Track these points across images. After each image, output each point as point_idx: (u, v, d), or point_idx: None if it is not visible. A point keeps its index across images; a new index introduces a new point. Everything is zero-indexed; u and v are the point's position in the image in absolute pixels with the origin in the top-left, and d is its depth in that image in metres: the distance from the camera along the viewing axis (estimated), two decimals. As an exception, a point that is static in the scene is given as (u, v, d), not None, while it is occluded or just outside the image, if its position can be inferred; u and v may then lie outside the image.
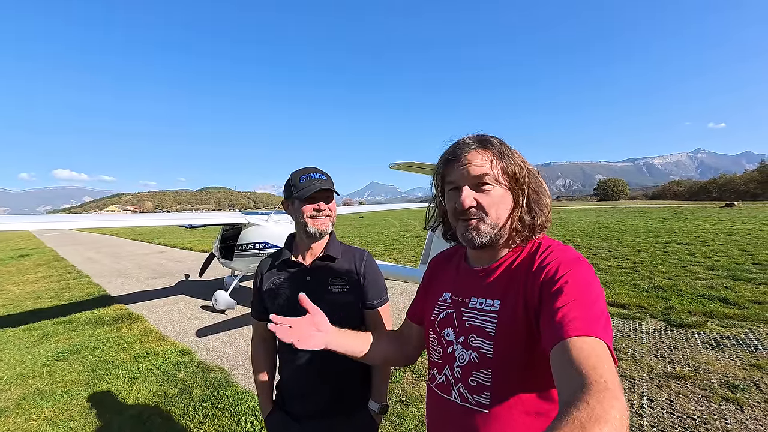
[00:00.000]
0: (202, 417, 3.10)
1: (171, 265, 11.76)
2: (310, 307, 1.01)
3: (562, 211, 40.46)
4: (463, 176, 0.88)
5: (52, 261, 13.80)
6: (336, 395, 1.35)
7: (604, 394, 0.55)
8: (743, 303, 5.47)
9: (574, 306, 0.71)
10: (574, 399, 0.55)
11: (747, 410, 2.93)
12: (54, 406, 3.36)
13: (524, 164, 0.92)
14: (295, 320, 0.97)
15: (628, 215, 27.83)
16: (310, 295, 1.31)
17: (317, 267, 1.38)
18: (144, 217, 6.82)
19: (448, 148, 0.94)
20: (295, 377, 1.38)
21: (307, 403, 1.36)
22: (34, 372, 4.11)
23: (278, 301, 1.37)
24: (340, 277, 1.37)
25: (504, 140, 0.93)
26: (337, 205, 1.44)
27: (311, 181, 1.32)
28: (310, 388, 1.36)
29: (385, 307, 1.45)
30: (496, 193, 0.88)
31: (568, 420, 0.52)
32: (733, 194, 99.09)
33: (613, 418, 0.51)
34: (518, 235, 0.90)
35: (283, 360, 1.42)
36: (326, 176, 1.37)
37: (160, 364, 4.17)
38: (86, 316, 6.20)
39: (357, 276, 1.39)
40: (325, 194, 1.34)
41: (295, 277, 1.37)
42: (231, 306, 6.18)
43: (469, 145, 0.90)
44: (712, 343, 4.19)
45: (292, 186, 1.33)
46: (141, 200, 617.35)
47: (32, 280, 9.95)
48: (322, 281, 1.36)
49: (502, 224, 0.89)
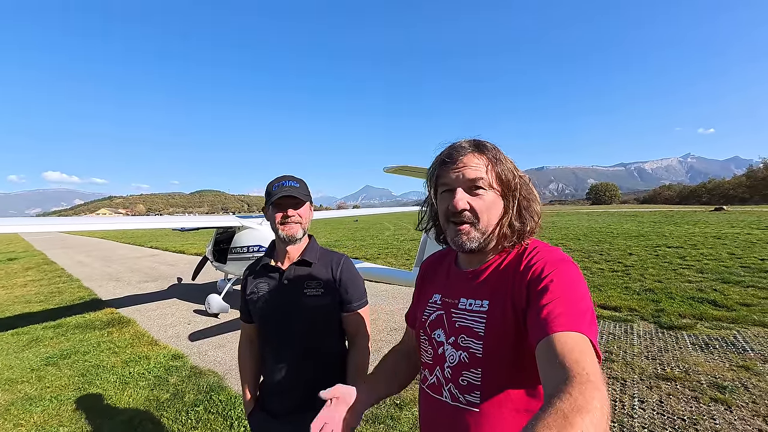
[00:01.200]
0: (195, 421, 3.08)
1: (163, 269, 11.65)
2: (329, 395, 0.96)
3: (555, 215, 40.81)
4: (457, 179, 0.89)
5: (42, 264, 13.59)
6: (311, 391, 1.35)
7: (586, 386, 0.56)
8: (732, 305, 5.56)
9: (559, 303, 0.73)
10: (558, 390, 0.57)
11: (735, 410, 2.97)
12: (43, 412, 3.31)
13: (516, 171, 0.94)
14: (323, 416, 0.92)
15: (620, 219, 28.13)
16: (286, 298, 1.39)
17: (293, 271, 1.43)
18: (136, 220, 6.76)
19: (444, 150, 0.96)
20: (274, 375, 1.42)
21: (284, 400, 1.40)
22: (22, 377, 4.04)
23: (258, 304, 1.43)
24: (316, 281, 1.41)
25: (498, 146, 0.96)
26: (330, 209, 1.46)
27: (282, 189, 1.38)
28: (287, 384, 1.39)
29: (363, 310, 1.48)
30: (488, 198, 0.89)
31: (551, 410, 0.53)
32: (721, 198, 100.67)
33: (595, 408, 0.53)
34: (507, 240, 0.92)
35: (264, 359, 1.47)
36: (299, 183, 1.43)
37: (151, 369, 4.13)
38: (76, 320, 6.11)
39: (333, 280, 1.43)
40: (293, 201, 1.39)
41: (273, 281, 1.43)
42: (224, 310, 6.14)
43: (465, 149, 0.91)
44: (701, 345, 4.25)
45: (267, 194, 1.40)
46: (133, 203, 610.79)
47: (21, 284, 9.79)
48: (298, 285, 1.40)
49: (491, 229, 0.91)
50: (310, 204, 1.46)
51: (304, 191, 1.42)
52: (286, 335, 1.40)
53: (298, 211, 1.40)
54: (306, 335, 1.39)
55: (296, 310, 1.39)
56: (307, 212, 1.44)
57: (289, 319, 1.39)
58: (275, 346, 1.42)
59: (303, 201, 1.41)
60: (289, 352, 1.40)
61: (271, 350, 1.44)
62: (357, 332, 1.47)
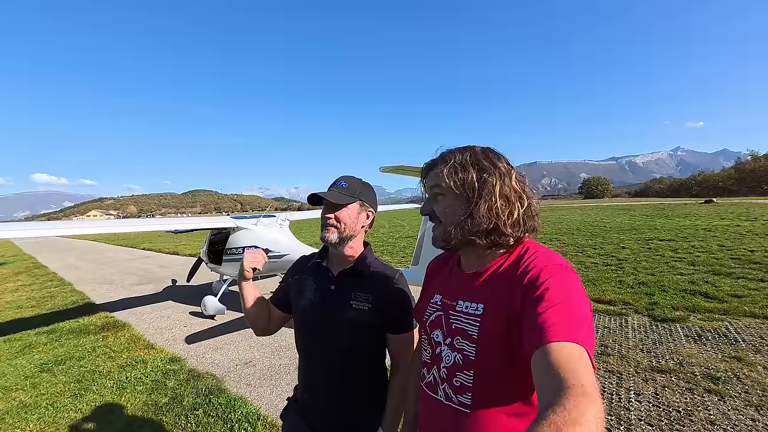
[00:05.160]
0: (195, 425, 3.06)
1: (157, 271, 11.54)
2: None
3: (548, 210, 41.13)
4: (426, 185, 1.01)
5: (32, 268, 13.37)
6: (341, 409, 1.32)
7: (581, 399, 0.56)
8: (723, 297, 5.66)
9: (555, 311, 0.73)
10: (552, 402, 0.57)
11: (729, 401, 3.04)
12: (39, 420, 3.27)
13: (480, 174, 0.93)
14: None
15: (612, 213, 28.43)
16: (331, 305, 1.33)
17: (343, 278, 1.34)
18: (128, 223, 6.68)
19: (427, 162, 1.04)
20: (306, 380, 1.38)
21: (314, 410, 1.35)
22: (16, 384, 3.99)
23: (301, 302, 1.38)
24: (365, 294, 1.30)
25: (493, 149, 0.99)
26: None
27: (328, 191, 1.34)
28: (317, 397, 1.35)
29: (410, 333, 1.34)
30: (445, 202, 0.96)
31: (545, 423, 0.53)
32: (711, 191, 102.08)
33: (588, 421, 0.52)
34: (490, 241, 0.93)
35: (299, 365, 1.42)
36: (348, 183, 1.34)
37: (149, 373, 4.10)
38: (70, 325, 6.03)
39: (384, 296, 1.30)
40: (329, 203, 1.31)
41: (320, 283, 1.37)
42: (220, 311, 6.10)
43: (435, 159, 1.01)
44: (694, 337, 4.32)
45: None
46: (124, 204, 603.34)
47: (12, 289, 9.63)
48: (345, 294, 1.31)
49: (452, 229, 0.95)
50: (359, 206, 1.35)
51: (346, 192, 1.32)
52: (324, 343, 1.32)
53: (335, 214, 1.30)
54: (344, 347, 1.30)
55: (339, 321, 1.29)
56: (348, 217, 1.31)
57: (330, 327, 1.31)
58: (310, 351, 1.36)
59: (340, 205, 1.30)
60: (323, 361, 1.32)
61: (305, 354, 1.38)
62: (401, 353, 1.34)
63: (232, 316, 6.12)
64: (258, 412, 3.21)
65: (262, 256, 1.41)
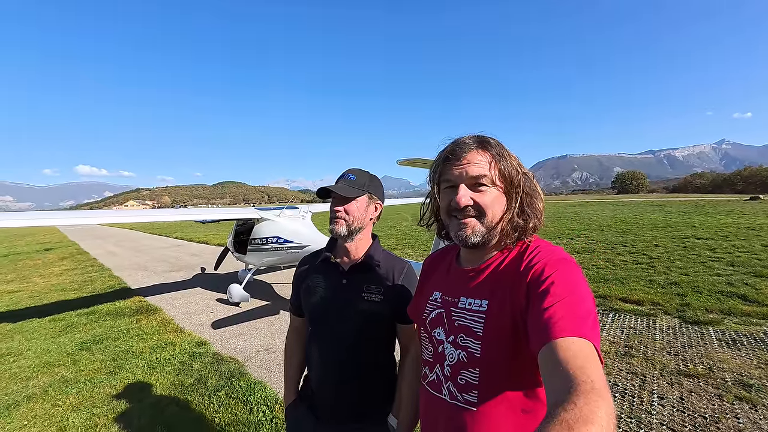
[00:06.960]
0: (217, 406, 3.21)
1: (187, 259, 12.06)
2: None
3: (578, 205, 39.72)
4: (461, 175, 0.90)
5: (75, 254, 14.30)
6: (353, 401, 1.34)
7: (591, 395, 0.55)
8: (763, 300, 5.31)
9: (561, 306, 0.72)
10: (562, 400, 0.56)
11: (761, 410, 2.87)
12: (78, 394, 3.53)
13: (520, 168, 0.93)
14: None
15: (647, 209, 27.12)
16: (343, 298, 1.34)
17: (354, 271, 1.35)
18: (160, 213, 7.01)
19: (447, 146, 0.95)
20: (318, 374, 1.38)
21: (325, 404, 1.36)
22: (59, 361, 4.31)
23: (313, 300, 1.37)
24: (376, 286, 1.32)
25: (502, 142, 0.95)
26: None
27: (336, 183, 1.35)
28: (330, 387, 1.35)
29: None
30: (491, 194, 0.90)
31: (555, 421, 0.52)
32: (758, 187, 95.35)
33: (600, 418, 0.51)
34: (508, 237, 0.92)
35: (310, 355, 1.42)
36: (357, 176, 1.35)
37: (177, 355, 4.33)
38: (107, 308, 6.44)
39: (394, 287, 1.33)
40: (337, 196, 1.31)
41: (332, 278, 1.37)
42: (245, 299, 6.32)
43: (468, 145, 0.91)
44: (728, 341, 4.10)
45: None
46: (159, 195, 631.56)
47: (57, 273, 10.34)
48: (357, 287, 1.33)
49: (494, 225, 0.90)
50: (367, 199, 1.35)
51: (355, 185, 1.33)
52: (337, 336, 1.33)
53: (343, 207, 1.30)
54: (357, 339, 1.32)
55: (352, 313, 1.31)
56: (356, 209, 1.32)
57: (343, 320, 1.32)
58: (323, 345, 1.36)
59: (348, 197, 1.30)
60: (336, 354, 1.33)
61: (317, 349, 1.38)
62: (411, 340, 1.35)
63: (256, 303, 6.34)
64: (276, 396, 3.33)
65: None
